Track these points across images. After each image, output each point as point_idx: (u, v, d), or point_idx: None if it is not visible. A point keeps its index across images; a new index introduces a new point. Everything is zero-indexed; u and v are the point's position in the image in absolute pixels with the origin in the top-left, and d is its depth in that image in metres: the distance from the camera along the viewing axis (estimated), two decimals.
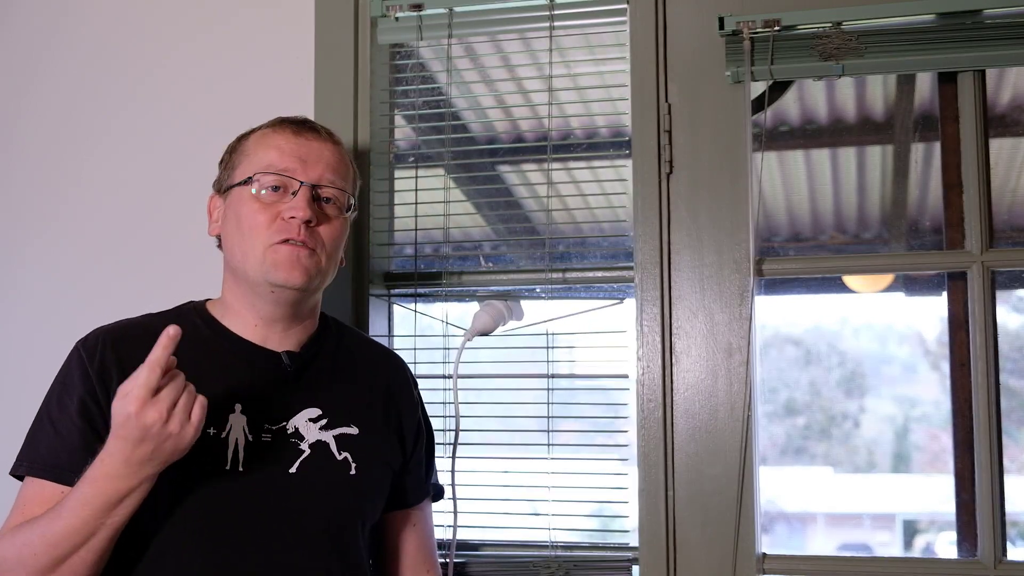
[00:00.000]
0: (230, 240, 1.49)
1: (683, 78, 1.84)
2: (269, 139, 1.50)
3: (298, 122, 1.53)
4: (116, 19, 2.11)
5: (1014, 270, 1.91)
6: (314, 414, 1.47)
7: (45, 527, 1.30)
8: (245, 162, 1.49)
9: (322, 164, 1.48)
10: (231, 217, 1.48)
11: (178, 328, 1.26)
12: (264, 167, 1.47)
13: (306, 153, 1.48)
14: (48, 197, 2.10)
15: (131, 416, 1.23)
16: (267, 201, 1.45)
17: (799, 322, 3.34)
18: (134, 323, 1.50)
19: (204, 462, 1.39)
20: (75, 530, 1.28)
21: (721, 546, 1.75)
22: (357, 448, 1.48)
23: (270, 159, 1.47)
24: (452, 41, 1.97)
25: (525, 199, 2.10)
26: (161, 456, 1.26)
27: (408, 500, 1.60)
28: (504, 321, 1.89)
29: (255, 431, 1.43)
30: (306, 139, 1.49)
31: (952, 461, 1.88)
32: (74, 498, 1.28)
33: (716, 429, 1.77)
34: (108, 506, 1.27)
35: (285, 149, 1.48)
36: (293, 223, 1.43)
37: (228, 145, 1.56)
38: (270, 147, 1.48)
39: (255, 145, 1.50)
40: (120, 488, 1.27)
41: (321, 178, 1.48)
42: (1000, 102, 2.12)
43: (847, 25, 1.77)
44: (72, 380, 1.43)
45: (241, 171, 1.49)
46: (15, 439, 1.49)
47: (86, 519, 1.27)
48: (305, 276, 1.44)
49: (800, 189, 2.53)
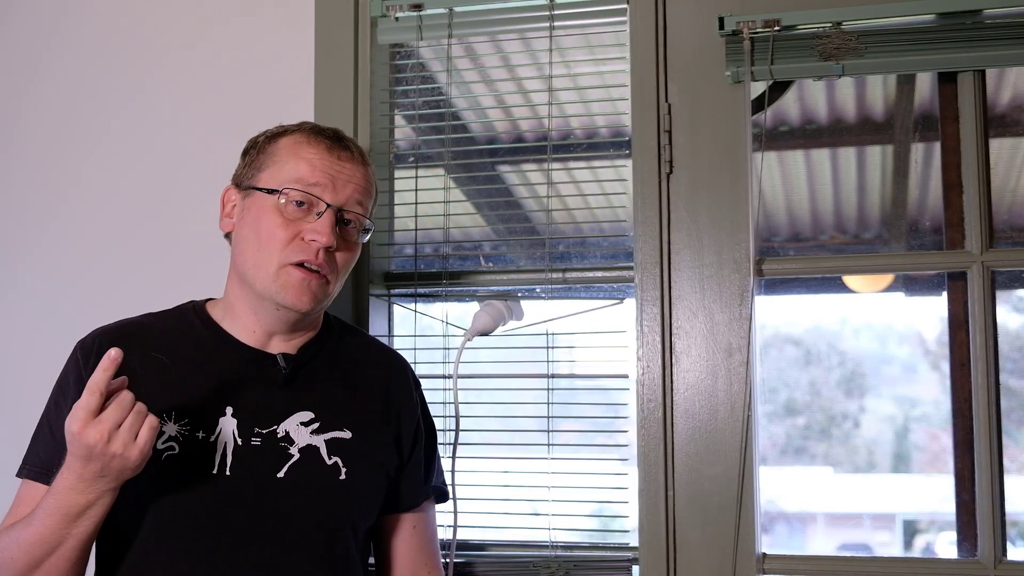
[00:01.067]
0: (244, 244, 1.46)
1: (683, 78, 1.84)
2: (303, 150, 1.46)
3: (333, 137, 1.49)
4: (116, 19, 2.11)
5: (1014, 270, 1.91)
6: (306, 417, 1.46)
7: (19, 533, 1.32)
8: (274, 168, 1.46)
9: (351, 186, 1.46)
10: (249, 221, 1.45)
11: (119, 351, 1.25)
12: (294, 180, 1.43)
13: (338, 172, 1.45)
14: (48, 197, 2.10)
15: (74, 435, 1.24)
16: (291, 216, 1.43)
17: (799, 322, 3.34)
18: (133, 323, 1.51)
19: (191, 466, 1.39)
20: (43, 538, 1.30)
21: (721, 546, 1.75)
22: (349, 452, 1.47)
23: (300, 172, 1.44)
24: (452, 41, 1.97)
25: (525, 199, 2.10)
26: (111, 474, 1.26)
27: (404, 503, 1.58)
28: (504, 321, 1.89)
29: (245, 435, 1.42)
30: (339, 158, 1.47)
31: (952, 461, 1.88)
32: (42, 507, 1.30)
33: (716, 429, 1.77)
34: (69, 518, 1.29)
35: (317, 165, 1.45)
36: (313, 246, 1.42)
37: (254, 138, 1.53)
38: (302, 159, 1.45)
39: (287, 153, 1.47)
40: (79, 501, 1.28)
41: (348, 201, 1.46)
42: (1000, 102, 2.12)
43: (847, 25, 1.77)
44: (68, 383, 1.44)
45: (268, 176, 1.46)
46: (15, 439, 1.50)
47: (52, 528, 1.29)
48: (313, 302, 1.44)
49: (800, 189, 2.53)
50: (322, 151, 1.46)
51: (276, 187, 1.44)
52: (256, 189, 1.46)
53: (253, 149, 1.51)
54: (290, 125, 1.52)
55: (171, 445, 1.39)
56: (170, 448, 1.39)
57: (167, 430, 1.40)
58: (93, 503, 1.29)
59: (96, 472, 1.26)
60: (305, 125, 1.51)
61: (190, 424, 1.41)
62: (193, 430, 1.41)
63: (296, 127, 1.51)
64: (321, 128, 1.51)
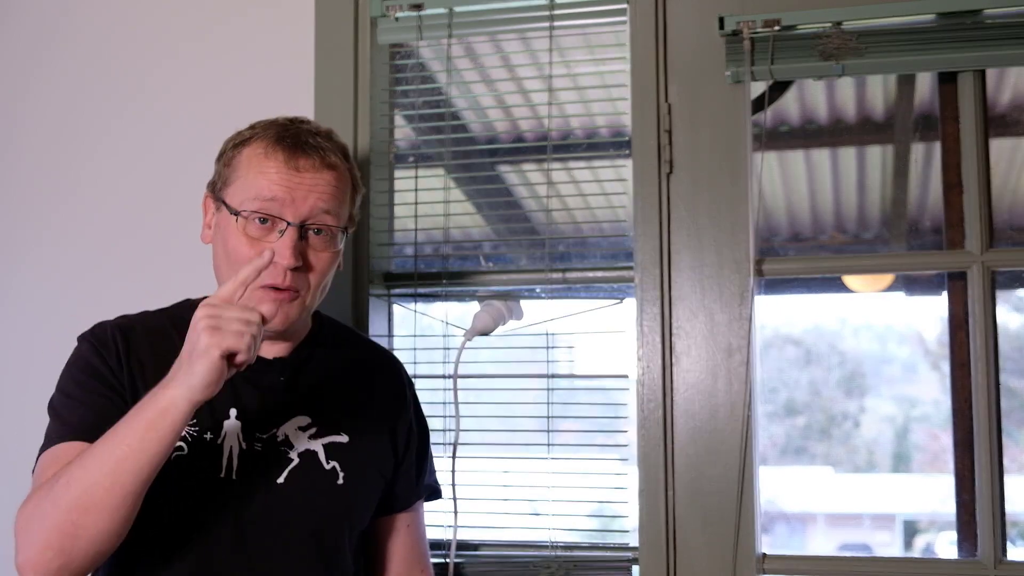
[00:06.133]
0: (217, 260, 1.45)
1: (683, 78, 1.84)
2: (261, 163, 1.41)
3: (292, 144, 1.42)
4: (116, 19, 2.11)
5: (1014, 270, 1.91)
6: (304, 422, 1.46)
7: (83, 454, 1.25)
8: (237, 183, 1.42)
9: (313, 197, 1.40)
10: (220, 239, 1.44)
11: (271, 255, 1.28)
12: (252, 198, 1.39)
13: (297, 184, 1.39)
14: (48, 197, 2.10)
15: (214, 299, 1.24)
16: (254, 235, 1.39)
17: (799, 322, 3.34)
18: (136, 319, 1.51)
19: (199, 468, 1.39)
20: (113, 446, 1.23)
21: (721, 546, 1.75)
22: (346, 456, 1.47)
23: (258, 188, 1.39)
24: (452, 41, 1.97)
25: (525, 199, 2.10)
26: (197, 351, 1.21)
27: (399, 504, 1.58)
28: (504, 321, 1.89)
29: (248, 438, 1.42)
30: (297, 168, 1.40)
31: (952, 461, 1.88)
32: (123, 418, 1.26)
33: (716, 429, 1.77)
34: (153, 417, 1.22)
35: (275, 179, 1.39)
36: (278, 267, 1.37)
37: (226, 141, 1.49)
38: (260, 173, 1.40)
39: (247, 165, 1.42)
40: (169, 395, 1.22)
41: (311, 213, 1.40)
42: (1000, 102, 2.12)
43: (847, 25, 1.77)
44: (91, 364, 1.42)
45: (232, 192, 1.42)
46: (15, 439, 1.49)
47: (124, 434, 1.23)
48: (286, 321, 1.41)
49: (800, 189, 2.53)
50: (279, 163, 1.40)
51: (237, 207, 1.40)
52: (224, 204, 1.44)
53: (222, 157, 1.48)
54: (259, 125, 1.46)
55: (180, 446, 1.39)
56: (179, 448, 1.38)
57: None
58: (177, 401, 1.22)
59: (203, 347, 1.21)
60: (271, 129, 1.44)
61: (197, 425, 1.40)
62: (201, 432, 1.41)
63: (262, 131, 1.45)
64: (283, 134, 1.43)
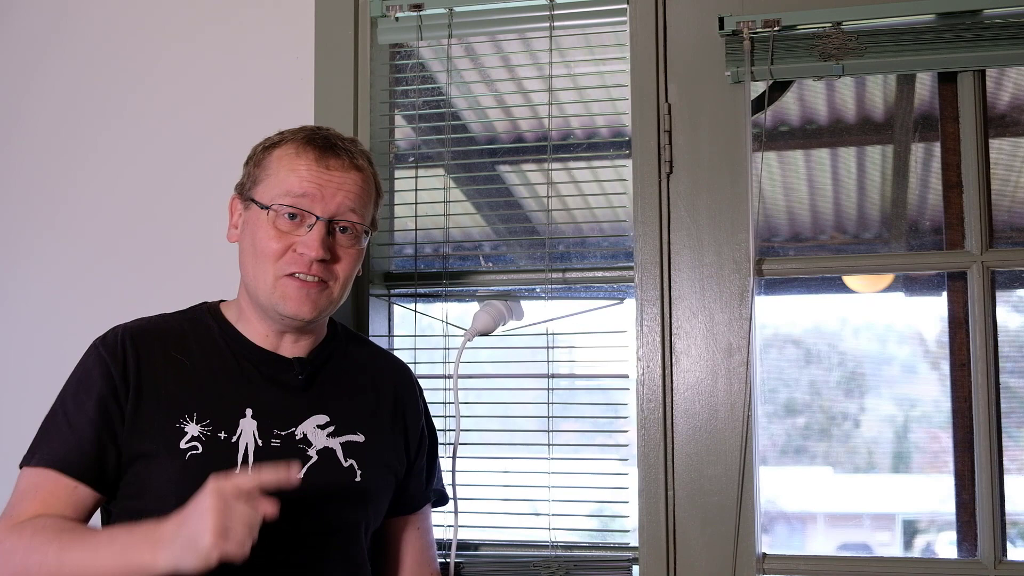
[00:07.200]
0: (245, 256, 1.50)
1: (683, 78, 1.84)
2: (292, 162, 1.47)
3: (323, 145, 1.48)
4: (116, 19, 2.11)
5: (1014, 270, 1.91)
6: (322, 421, 1.49)
7: (67, 542, 1.28)
8: (267, 181, 1.48)
9: (341, 195, 1.46)
10: (248, 234, 1.49)
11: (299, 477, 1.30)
12: (283, 193, 1.45)
13: (327, 181, 1.46)
14: (48, 197, 2.10)
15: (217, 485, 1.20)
16: (283, 229, 1.45)
17: (799, 322, 3.34)
18: (151, 322, 1.52)
19: (214, 467, 1.39)
20: (89, 560, 1.26)
21: (721, 546, 1.75)
22: (363, 455, 1.50)
23: (289, 185, 1.45)
24: (452, 41, 1.97)
25: (525, 199, 2.10)
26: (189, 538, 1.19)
27: (411, 505, 1.63)
28: (504, 321, 1.89)
29: (265, 436, 1.45)
30: (328, 167, 1.46)
31: (952, 461, 1.88)
32: (107, 536, 1.28)
33: (716, 429, 1.77)
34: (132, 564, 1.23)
35: (306, 176, 1.45)
36: (305, 258, 1.44)
37: (254, 148, 1.53)
38: (292, 171, 1.46)
39: (277, 165, 1.48)
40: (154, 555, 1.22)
41: (339, 210, 1.46)
42: (1000, 102, 2.12)
43: (847, 25, 1.77)
44: (92, 378, 1.43)
45: (262, 189, 1.47)
46: (15, 439, 1.49)
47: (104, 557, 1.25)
48: (315, 310, 1.46)
49: (800, 189, 2.53)
50: (311, 161, 1.46)
51: (267, 203, 1.46)
52: (253, 202, 1.49)
53: (252, 159, 1.53)
54: (287, 132, 1.52)
55: (194, 445, 1.41)
56: (193, 448, 1.41)
57: (190, 430, 1.42)
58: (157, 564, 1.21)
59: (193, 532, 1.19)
60: (300, 133, 1.50)
61: (212, 425, 1.43)
62: (215, 431, 1.43)
63: (291, 135, 1.50)
64: (314, 136, 1.49)
